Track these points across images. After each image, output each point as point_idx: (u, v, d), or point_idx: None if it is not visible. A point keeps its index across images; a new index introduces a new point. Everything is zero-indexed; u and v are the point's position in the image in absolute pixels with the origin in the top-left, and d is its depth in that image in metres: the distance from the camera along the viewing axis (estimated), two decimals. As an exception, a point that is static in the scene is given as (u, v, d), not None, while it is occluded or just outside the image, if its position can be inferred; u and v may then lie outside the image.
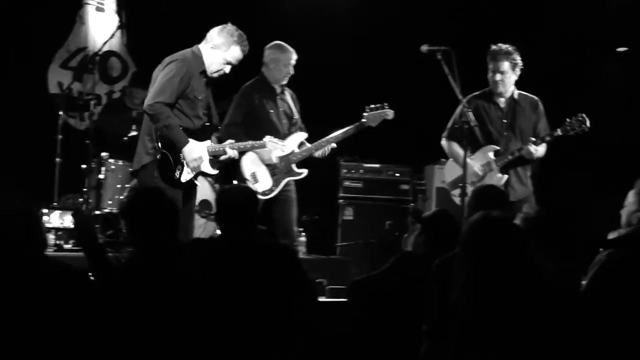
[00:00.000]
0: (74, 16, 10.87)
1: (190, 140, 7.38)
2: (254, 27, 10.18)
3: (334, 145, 8.50)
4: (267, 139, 8.01)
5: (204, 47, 7.58)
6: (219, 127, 7.89)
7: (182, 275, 4.85)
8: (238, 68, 7.78)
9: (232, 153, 7.74)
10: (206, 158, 7.54)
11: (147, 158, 7.36)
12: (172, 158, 7.32)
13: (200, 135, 7.52)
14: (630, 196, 5.71)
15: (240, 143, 7.83)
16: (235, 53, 7.63)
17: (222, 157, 7.71)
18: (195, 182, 7.54)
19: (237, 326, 5.07)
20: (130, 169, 7.78)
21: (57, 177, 9.26)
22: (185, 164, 7.38)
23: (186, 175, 7.41)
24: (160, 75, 7.34)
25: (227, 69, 7.68)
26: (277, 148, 8.09)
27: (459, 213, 7.36)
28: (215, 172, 7.79)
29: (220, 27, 7.64)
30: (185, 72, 7.36)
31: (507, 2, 11.15)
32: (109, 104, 10.78)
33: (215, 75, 7.70)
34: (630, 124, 10.46)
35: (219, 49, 7.57)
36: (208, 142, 7.55)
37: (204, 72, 7.58)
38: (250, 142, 7.95)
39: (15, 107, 9.85)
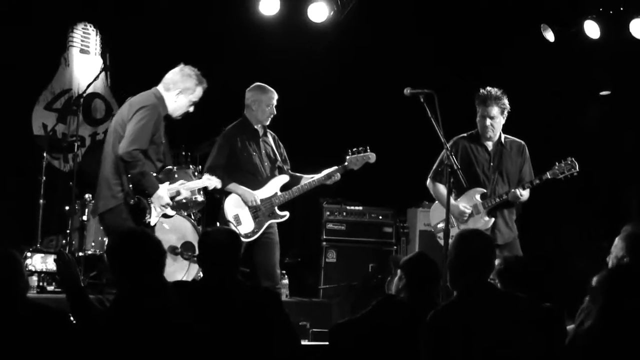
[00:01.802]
0: (59, 58, 10.89)
1: (160, 185, 7.42)
2: (236, 68, 10.30)
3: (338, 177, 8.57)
4: (206, 175, 8.09)
5: (167, 94, 7.58)
6: (170, 167, 7.86)
7: (167, 318, 4.84)
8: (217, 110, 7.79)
9: (185, 194, 7.75)
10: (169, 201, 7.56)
11: (114, 201, 7.33)
12: (145, 202, 7.34)
13: (159, 178, 7.54)
14: (617, 242, 5.73)
15: (188, 183, 7.80)
16: (199, 93, 7.68)
17: (177, 198, 7.70)
18: (163, 223, 7.57)
19: (219, 369, 5.06)
20: (94, 214, 7.71)
21: (40, 218, 9.23)
22: (153, 207, 7.40)
23: (154, 219, 7.44)
24: (134, 121, 7.30)
25: (192, 109, 7.73)
26: (212, 181, 8.12)
27: (443, 256, 7.38)
28: (174, 213, 7.78)
29: (177, 70, 7.65)
30: (156, 118, 7.39)
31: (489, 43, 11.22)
32: (93, 146, 10.80)
33: (180, 117, 7.77)
34: (616, 168, 10.53)
35: (185, 94, 7.60)
36: (167, 184, 7.56)
37: (166, 115, 7.60)
38: (196, 181, 7.91)
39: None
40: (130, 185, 7.28)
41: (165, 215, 7.61)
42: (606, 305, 4.66)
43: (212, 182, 8.14)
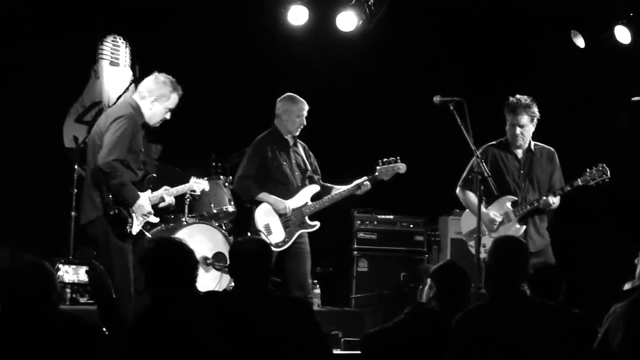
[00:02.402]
0: (89, 71, 10.95)
1: (140, 194, 7.46)
2: (265, 78, 10.32)
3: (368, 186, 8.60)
4: (192, 179, 8.27)
5: (142, 102, 7.61)
6: (154, 176, 7.88)
7: (197, 328, 4.84)
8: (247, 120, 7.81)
9: (169, 200, 7.83)
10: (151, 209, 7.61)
11: (95, 212, 7.36)
12: (125, 212, 7.37)
13: (141, 186, 7.56)
14: None
15: (173, 189, 7.91)
16: (174, 100, 7.69)
17: (161, 205, 7.78)
18: (145, 231, 7.60)
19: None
20: (79, 225, 7.75)
21: (72, 230, 9.27)
22: (135, 217, 7.42)
23: (136, 228, 7.45)
24: (111, 131, 7.32)
25: (169, 115, 7.76)
26: (200, 184, 8.33)
27: (474, 264, 7.37)
28: (157, 220, 7.85)
29: (152, 78, 7.69)
30: (132, 127, 7.41)
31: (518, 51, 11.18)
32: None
33: (158, 125, 7.80)
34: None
35: (160, 101, 7.63)
36: (148, 192, 7.61)
37: (143, 123, 7.63)
38: (180, 187, 8.07)
39: (31, 161, 9.90)
40: (110, 196, 7.31)
41: (148, 223, 7.64)
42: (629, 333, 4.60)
43: (199, 185, 8.35)
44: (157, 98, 7.60)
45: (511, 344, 4.80)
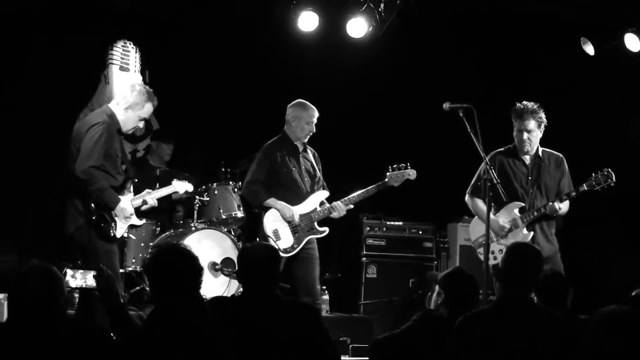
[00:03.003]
0: (99, 75, 10.95)
1: (120, 197, 7.63)
2: (276, 85, 10.32)
3: (350, 206, 8.56)
4: (174, 181, 8.52)
5: (116, 108, 7.79)
6: (135, 180, 7.97)
7: (203, 334, 4.83)
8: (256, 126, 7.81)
9: (152, 202, 8.01)
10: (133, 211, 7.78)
11: (81, 219, 7.53)
12: (107, 217, 7.55)
13: (121, 190, 7.74)
14: None
15: (155, 191, 8.14)
16: (148, 109, 7.89)
17: (144, 207, 7.96)
18: (126, 233, 7.92)
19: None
20: (64, 233, 7.81)
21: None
22: (118, 220, 7.61)
23: (120, 231, 7.67)
24: (86, 139, 7.52)
25: (142, 124, 8.00)
26: (182, 185, 8.53)
27: (484, 270, 7.36)
28: (141, 222, 8.11)
29: (130, 87, 7.92)
30: (107, 134, 7.58)
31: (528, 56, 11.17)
32: (133, 163, 10.83)
33: (130, 132, 8.08)
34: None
35: (133, 109, 7.81)
36: (130, 196, 7.81)
37: (119, 130, 7.78)
38: (163, 189, 8.33)
39: (40, 166, 9.90)
40: (92, 202, 7.48)
41: (132, 226, 7.89)
42: None
43: (181, 186, 8.53)
44: (130, 105, 7.80)
45: (511, 349, 4.79)
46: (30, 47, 10.00)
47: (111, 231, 7.56)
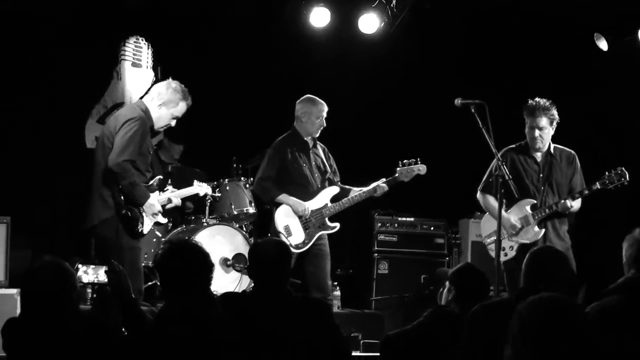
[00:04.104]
0: (111, 72, 10.97)
1: (150, 194, 7.58)
2: (287, 81, 10.33)
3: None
4: (195, 182, 8.47)
5: (150, 104, 7.71)
6: (161, 177, 7.93)
7: (213, 329, 4.84)
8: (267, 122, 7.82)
9: (176, 201, 7.98)
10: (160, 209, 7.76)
11: (107, 212, 7.45)
12: (136, 212, 7.50)
13: (149, 188, 7.68)
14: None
15: (178, 191, 8.07)
16: (182, 108, 7.79)
17: (168, 206, 7.92)
18: (155, 230, 8.00)
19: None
20: (85, 225, 7.76)
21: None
22: (145, 216, 7.56)
23: (147, 227, 7.62)
24: (121, 133, 7.44)
25: (174, 123, 7.87)
26: (202, 187, 8.50)
27: (494, 267, 7.36)
28: (165, 220, 8.08)
29: (165, 83, 7.79)
30: (143, 129, 7.52)
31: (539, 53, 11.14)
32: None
33: (162, 129, 8.04)
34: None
35: (167, 106, 7.72)
36: (157, 194, 7.74)
37: (151, 127, 7.73)
38: (186, 189, 8.29)
39: (52, 162, 9.93)
40: (122, 196, 7.42)
41: (157, 224, 7.88)
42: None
43: (202, 188, 8.50)
44: (164, 102, 7.70)
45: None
46: (43, 44, 10.02)
47: (139, 227, 7.51)
